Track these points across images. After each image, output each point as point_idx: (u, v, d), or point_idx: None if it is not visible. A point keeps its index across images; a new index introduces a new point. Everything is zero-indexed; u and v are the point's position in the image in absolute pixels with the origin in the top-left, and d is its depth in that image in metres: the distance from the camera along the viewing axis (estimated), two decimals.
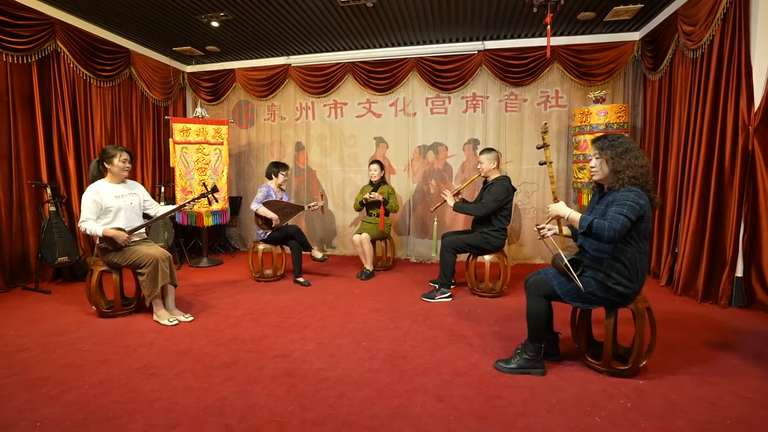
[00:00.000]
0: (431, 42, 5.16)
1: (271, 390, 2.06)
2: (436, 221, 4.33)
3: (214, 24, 4.47)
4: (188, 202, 3.30)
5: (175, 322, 2.98)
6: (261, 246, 4.22)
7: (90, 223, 2.92)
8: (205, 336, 2.76)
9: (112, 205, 3.00)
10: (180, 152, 4.84)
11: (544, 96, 5.11)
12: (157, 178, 5.54)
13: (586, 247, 2.15)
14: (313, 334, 2.81)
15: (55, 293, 3.75)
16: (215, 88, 5.95)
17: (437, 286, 3.65)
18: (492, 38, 5.04)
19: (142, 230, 3.20)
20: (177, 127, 4.83)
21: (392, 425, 1.78)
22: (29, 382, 2.13)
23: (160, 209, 3.29)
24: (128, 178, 3.21)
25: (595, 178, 2.17)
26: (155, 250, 3.00)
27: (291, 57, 5.63)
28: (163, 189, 5.15)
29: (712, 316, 3.09)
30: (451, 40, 5.10)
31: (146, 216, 3.28)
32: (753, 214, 3.17)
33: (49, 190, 3.88)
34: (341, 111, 5.67)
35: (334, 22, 4.48)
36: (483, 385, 2.10)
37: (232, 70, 5.86)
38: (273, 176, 4.29)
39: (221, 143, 5.04)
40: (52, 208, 3.86)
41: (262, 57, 5.72)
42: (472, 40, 5.07)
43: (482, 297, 3.63)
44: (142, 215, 3.25)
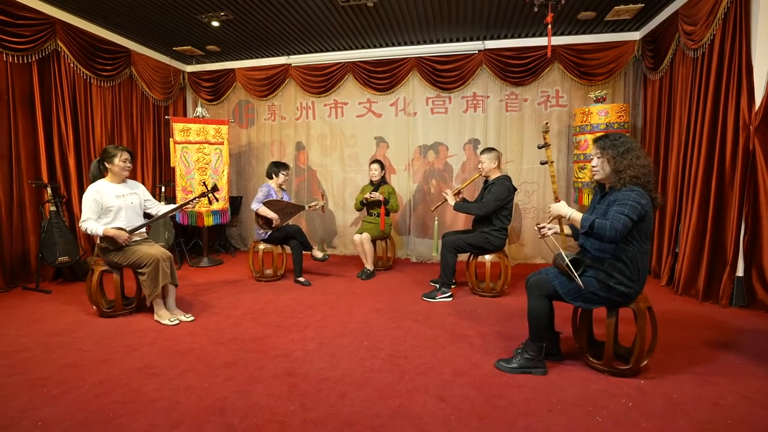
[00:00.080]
0: (431, 42, 5.15)
1: (272, 390, 2.06)
2: (437, 220, 4.33)
3: (215, 24, 4.47)
4: (189, 202, 3.30)
5: (176, 321, 2.98)
6: (261, 246, 4.22)
7: (91, 222, 2.92)
8: (206, 336, 2.76)
9: (113, 204, 3.00)
10: (180, 152, 4.84)
11: (545, 96, 5.10)
12: (157, 178, 5.54)
13: (588, 247, 2.15)
14: (314, 333, 2.81)
15: (56, 293, 3.76)
16: (215, 87, 5.95)
17: (438, 285, 3.65)
18: (492, 38, 5.04)
19: (143, 230, 3.20)
20: (177, 126, 4.83)
21: (393, 425, 1.78)
22: (30, 382, 2.13)
23: (161, 208, 3.29)
24: (129, 177, 3.21)
25: (596, 177, 2.17)
26: (156, 250, 3.00)
27: (291, 57, 5.62)
28: (163, 189, 5.15)
29: (713, 316, 3.09)
30: (452, 40, 5.10)
31: (148, 215, 3.28)
32: (754, 213, 3.17)
33: (49, 190, 3.88)
34: (341, 111, 5.67)
35: (335, 22, 4.48)
36: (484, 385, 2.10)
37: (232, 70, 5.85)
38: (273, 176, 4.29)
39: (222, 143, 5.04)
40: (53, 208, 3.86)
41: (262, 57, 5.72)
42: (472, 39, 5.07)
43: (483, 297, 3.63)
44: (144, 215, 3.26)
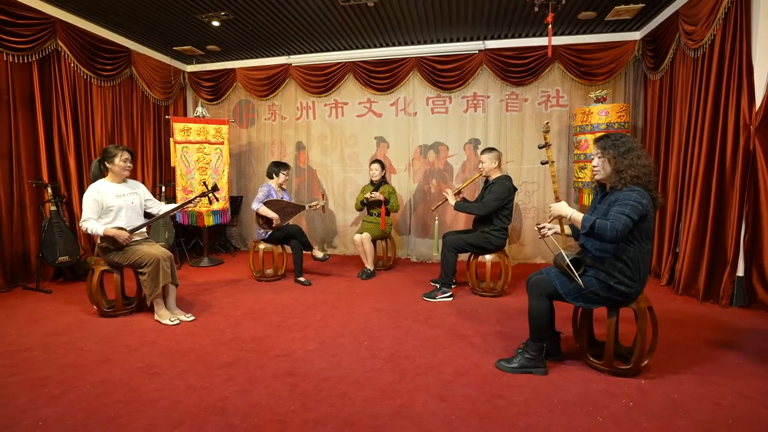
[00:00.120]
0: (432, 41, 5.15)
1: (273, 389, 2.06)
2: (437, 220, 4.33)
3: (215, 23, 4.47)
4: (190, 201, 3.30)
5: (177, 321, 2.98)
6: (262, 245, 4.22)
7: (91, 222, 2.92)
8: (207, 335, 2.76)
9: (113, 204, 2.99)
10: (181, 152, 4.84)
11: (545, 95, 5.10)
12: (157, 178, 5.53)
13: (589, 247, 2.15)
14: (315, 333, 2.81)
15: (56, 293, 3.75)
16: (216, 87, 5.95)
17: (438, 285, 3.65)
18: (493, 38, 5.04)
19: (143, 230, 3.20)
20: (178, 126, 4.83)
21: (394, 425, 1.78)
22: (31, 382, 2.13)
23: (162, 208, 3.29)
24: (129, 177, 3.21)
25: (597, 177, 2.17)
26: (156, 250, 3.00)
27: (291, 56, 5.62)
28: (163, 188, 5.15)
29: (714, 316, 3.09)
30: (452, 40, 5.10)
31: (149, 215, 3.28)
32: (754, 213, 3.17)
33: (49, 190, 3.87)
34: (342, 110, 5.67)
35: (335, 22, 4.48)
36: (485, 385, 2.10)
37: (232, 70, 5.85)
38: (274, 176, 4.29)
39: (222, 143, 5.04)
40: (53, 208, 3.86)
41: (262, 56, 5.72)
42: (472, 39, 5.06)
43: (483, 296, 3.63)
44: (145, 214, 3.26)
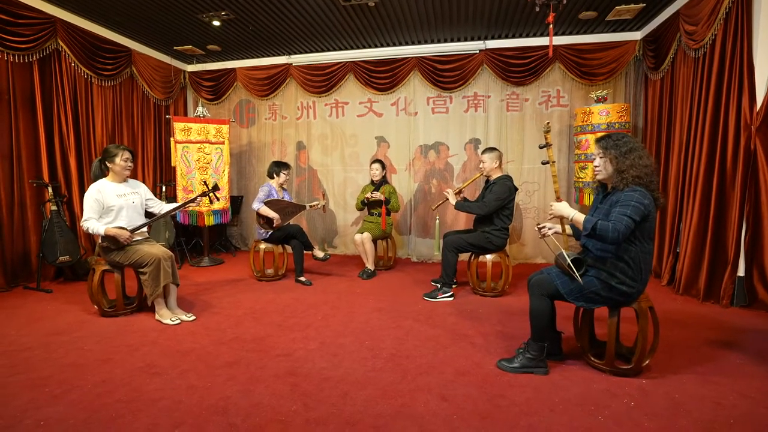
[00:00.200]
0: (432, 41, 5.15)
1: (274, 389, 2.06)
2: (438, 220, 4.33)
3: (216, 23, 4.47)
4: (191, 201, 3.30)
5: (177, 321, 2.98)
6: (262, 245, 4.22)
7: (92, 222, 2.92)
8: (208, 335, 2.76)
9: (114, 204, 2.99)
10: (181, 151, 4.84)
11: (546, 95, 5.10)
12: (158, 178, 5.53)
13: (590, 247, 2.15)
14: (316, 333, 2.81)
15: (57, 292, 3.75)
16: (216, 87, 5.95)
17: (439, 285, 3.65)
18: (493, 38, 5.03)
19: (144, 229, 3.20)
20: (178, 126, 4.83)
21: (396, 424, 1.78)
22: (32, 382, 2.13)
23: (163, 207, 3.29)
24: (130, 177, 3.21)
25: (598, 177, 2.17)
26: (157, 249, 3.00)
27: (292, 56, 5.62)
28: (164, 188, 5.15)
29: (714, 316, 3.09)
30: (453, 40, 5.10)
31: (151, 215, 3.28)
32: (755, 213, 3.17)
33: (50, 189, 3.87)
34: (342, 110, 5.67)
35: (336, 22, 4.48)
36: (486, 385, 2.10)
37: (233, 70, 5.85)
38: (275, 175, 4.28)
39: (222, 142, 5.03)
40: (54, 207, 3.86)
41: (263, 56, 5.71)
42: (473, 39, 5.06)
43: (484, 296, 3.63)
44: (146, 214, 3.26)
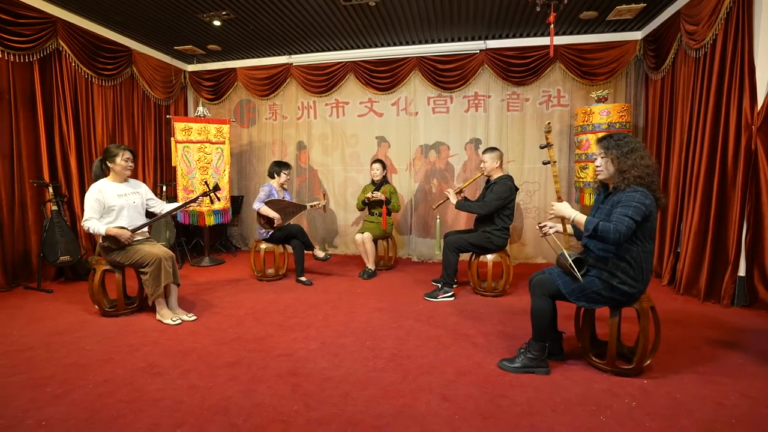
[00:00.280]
0: (433, 41, 5.15)
1: (275, 389, 2.06)
2: (438, 219, 4.33)
3: (216, 23, 4.46)
4: (192, 200, 3.29)
5: (178, 321, 2.98)
6: (263, 245, 4.22)
7: (93, 222, 2.92)
8: (209, 335, 2.76)
9: (115, 204, 2.99)
10: (182, 151, 4.84)
11: (546, 95, 5.10)
12: (158, 177, 5.53)
13: (591, 247, 2.14)
14: (317, 333, 2.81)
15: (58, 292, 3.75)
16: (217, 87, 5.95)
17: (440, 285, 3.65)
18: (494, 37, 5.03)
19: (145, 229, 3.20)
20: (179, 126, 4.83)
21: (397, 424, 1.78)
22: (33, 381, 2.13)
23: (165, 207, 3.29)
24: (130, 177, 3.21)
25: (600, 177, 2.17)
26: (158, 249, 3.00)
27: (292, 56, 5.62)
28: (164, 188, 5.15)
29: (715, 316, 3.09)
30: (453, 40, 5.10)
31: (152, 214, 3.28)
32: (756, 213, 3.17)
33: (50, 189, 3.87)
34: (343, 110, 5.67)
35: (336, 22, 4.48)
36: (488, 384, 2.11)
37: (233, 69, 5.85)
38: (275, 175, 4.28)
39: (223, 142, 5.03)
40: (54, 207, 3.86)
41: (263, 56, 5.71)
42: (474, 39, 5.06)
43: (485, 296, 3.63)
44: (147, 213, 3.26)
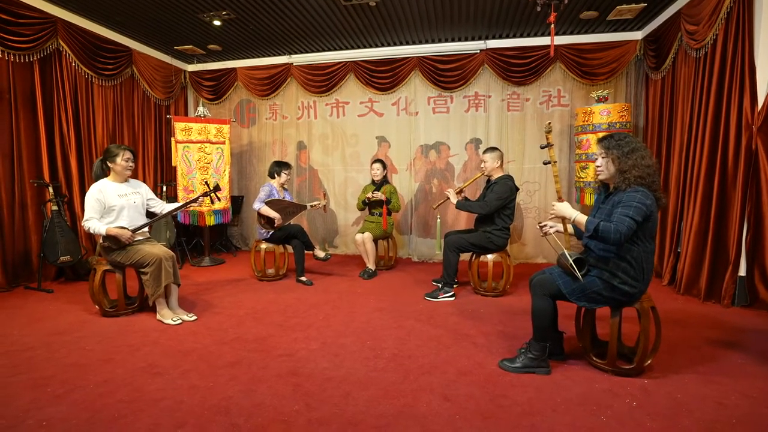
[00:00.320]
0: (433, 41, 5.15)
1: (276, 389, 2.06)
2: (439, 219, 4.33)
3: (216, 23, 4.46)
4: (193, 201, 3.29)
5: (179, 321, 2.98)
6: (263, 245, 4.22)
7: (94, 222, 2.92)
8: (209, 335, 2.76)
9: (116, 204, 2.99)
10: (182, 151, 4.84)
11: (547, 95, 5.10)
12: (158, 177, 5.53)
13: (592, 246, 2.14)
14: (317, 333, 2.81)
15: (58, 292, 3.75)
16: (217, 87, 5.95)
17: (440, 285, 3.65)
18: (494, 37, 5.03)
19: (146, 229, 3.20)
20: (179, 126, 4.83)
21: (398, 424, 1.78)
22: (34, 381, 2.13)
23: (165, 207, 3.29)
24: (131, 177, 3.21)
25: (600, 177, 2.17)
26: (159, 249, 3.00)
27: (293, 56, 5.62)
28: (165, 188, 5.15)
29: (716, 316, 3.09)
30: (453, 39, 5.09)
31: (152, 214, 3.28)
32: (756, 213, 3.17)
33: (51, 189, 3.87)
34: (343, 110, 5.66)
35: (337, 21, 4.47)
36: (488, 384, 2.11)
37: (233, 69, 5.84)
38: (276, 175, 4.28)
39: (223, 142, 5.03)
40: (54, 207, 3.86)
41: (263, 56, 5.71)
42: (474, 39, 5.06)
43: (485, 296, 3.63)
44: (147, 213, 3.25)
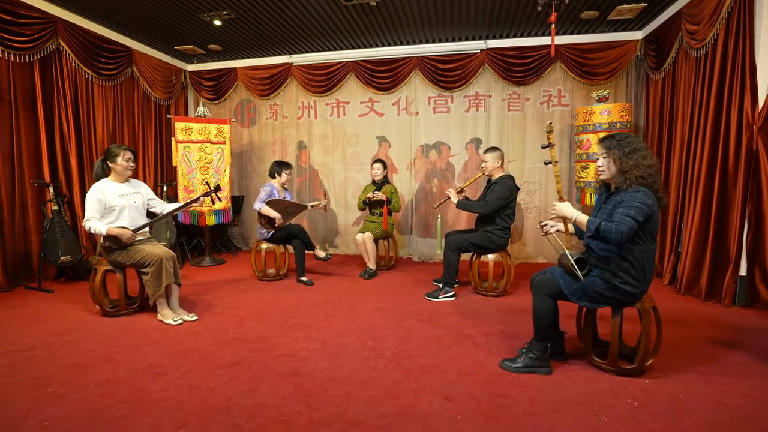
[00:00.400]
0: (434, 41, 5.15)
1: (277, 389, 2.06)
2: (439, 218, 4.33)
3: (217, 23, 4.46)
4: (193, 201, 3.29)
5: (179, 321, 2.98)
6: (264, 245, 4.22)
7: (94, 222, 2.92)
8: (210, 335, 2.76)
9: (116, 204, 2.99)
10: (182, 151, 4.84)
11: (547, 95, 5.10)
12: (159, 177, 5.53)
13: (593, 246, 2.14)
14: (318, 333, 2.81)
15: (58, 292, 3.75)
16: (217, 87, 5.94)
17: (441, 285, 3.65)
18: (495, 37, 5.03)
19: (146, 229, 3.20)
20: (179, 126, 4.82)
21: (400, 424, 1.78)
22: (35, 381, 2.13)
23: (166, 207, 3.29)
24: (131, 177, 3.21)
25: (602, 177, 2.16)
26: (159, 250, 3.00)
27: (293, 56, 5.62)
28: (165, 188, 5.14)
29: (716, 315, 3.09)
30: (454, 39, 5.09)
31: (152, 215, 3.28)
32: (757, 213, 3.17)
33: (51, 189, 3.87)
34: (343, 110, 5.66)
35: (337, 21, 4.47)
36: (490, 384, 2.10)
37: (233, 69, 5.84)
38: (276, 175, 4.28)
39: (223, 142, 5.03)
40: (55, 207, 3.86)
41: (264, 56, 5.70)
42: (474, 39, 5.06)
43: (486, 296, 3.63)
44: (148, 213, 3.25)
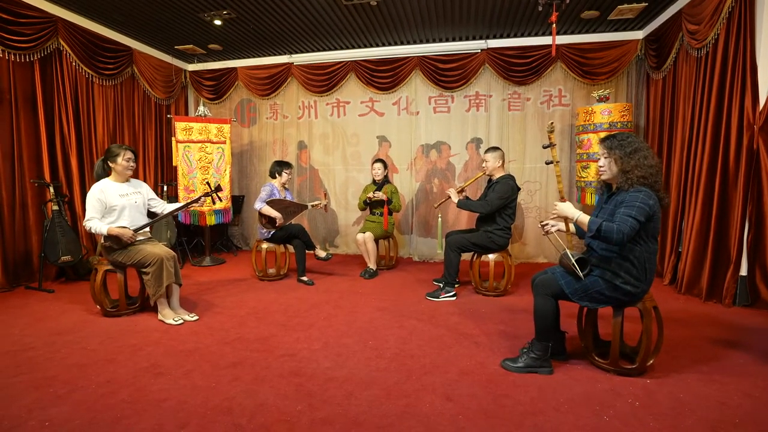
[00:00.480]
0: (434, 41, 5.14)
1: (279, 389, 2.06)
2: (440, 218, 4.33)
3: (217, 22, 4.46)
4: (194, 201, 3.29)
5: (180, 321, 2.98)
6: (264, 245, 4.22)
7: (95, 221, 2.92)
8: (211, 335, 2.76)
9: (117, 203, 2.99)
10: (183, 151, 4.83)
11: (547, 95, 5.10)
12: (159, 177, 5.53)
13: (594, 246, 2.15)
14: (319, 333, 2.81)
15: (59, 292, 3.75)
16: (217, 86, 5.94)
17: (441, 284, 3.65)
18: (495, 37, 5.03)
19: (147, 229, 3.20)
20: (179, 125, 4.82)
21: (401, 424, 1.78)
22: (36, 382, 2.13)
23: (166, 207, 3.29)
24: (132, 176, 3.20)
25: (603, 177, 2.16)
26: (160, 249, 2.99)
27: (293, 55, 5.61)
28: (165, 188, 5.14)
29: (717, 315, 3.10)
30: (454, 39, 5.09)
31: (153, 214, 3.27)
32: (757, 213, 3.17)
33: (51, 189, 3.86)
34: (344, 110, 5.66)
35: (337, 21, 4.47)
36: (491, 384, 2.11)
37: (234, 69, 5.84)
38: (277, 175, 4.28)
39: (224, 142, 5.03)
40: (55, 207, 3.85)
41: (264, 55, 5.70)
42: (475, 38, 5.06)
43: (487, 296, 3.63)
44: (148, 213, 3.25)
